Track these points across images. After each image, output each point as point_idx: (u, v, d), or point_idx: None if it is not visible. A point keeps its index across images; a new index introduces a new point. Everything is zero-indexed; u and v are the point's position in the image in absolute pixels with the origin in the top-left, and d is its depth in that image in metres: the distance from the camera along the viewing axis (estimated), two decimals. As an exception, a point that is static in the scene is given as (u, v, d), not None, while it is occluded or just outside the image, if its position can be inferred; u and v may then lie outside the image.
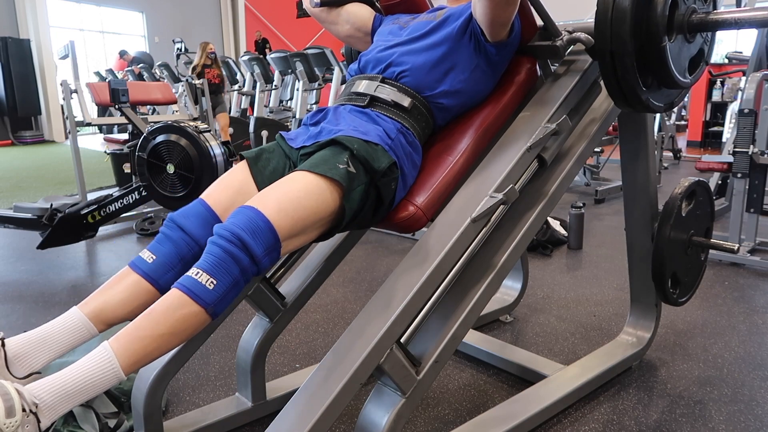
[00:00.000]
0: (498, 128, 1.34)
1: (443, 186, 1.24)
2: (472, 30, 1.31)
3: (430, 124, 1.33)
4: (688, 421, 1.48)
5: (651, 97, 1.26)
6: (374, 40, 1.47)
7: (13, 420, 0.86)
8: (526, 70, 1.39)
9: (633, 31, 1.15)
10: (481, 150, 1.31)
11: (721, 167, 3.15)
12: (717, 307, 2.25)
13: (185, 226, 1.12)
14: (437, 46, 1.31)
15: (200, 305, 0.96)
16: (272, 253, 1.04)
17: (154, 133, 2.62)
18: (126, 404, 1.43)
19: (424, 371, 1.08)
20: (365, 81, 1.33)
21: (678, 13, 1.18)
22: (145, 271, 1.09)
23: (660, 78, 1.24)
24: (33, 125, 9.97)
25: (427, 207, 1.22)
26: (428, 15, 1.42)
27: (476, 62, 1.32)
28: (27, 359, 1.02)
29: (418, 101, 1.29)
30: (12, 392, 0.88)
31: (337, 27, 1.59)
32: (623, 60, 1.17)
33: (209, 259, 0.98)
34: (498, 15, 1.22)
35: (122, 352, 0.93)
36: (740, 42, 12.56)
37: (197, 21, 12.74)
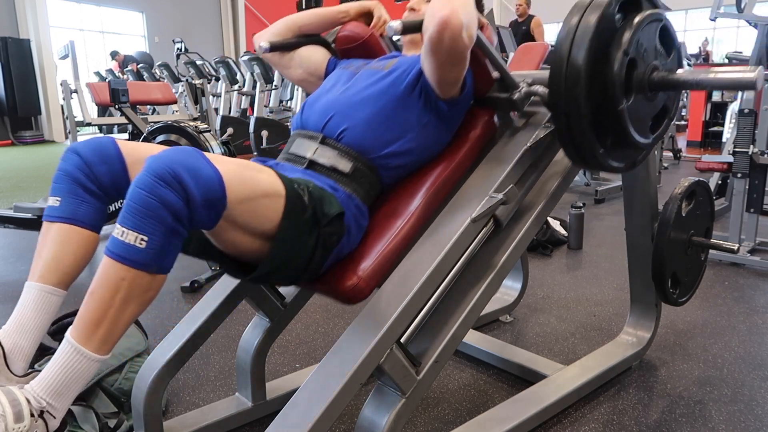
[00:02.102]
0: (452, 187, 1.26)
1: (388, 254, 1.14)
2: (422, 86, 1.22)
3: (377, 185, 1.23)
4: (688, 421, 1.48)
5: (611, 159, 1.17)
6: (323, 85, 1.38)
7: (22, 425, 0.86)
8: (483, 123, 1.31)
9: (588, 93, 1.06)
10: (432, 211, 1.22)
11: (721, 167, 3.15)
12: (717, 307, 2.25)
13: (81, 151, 1.08)
14: (383, 102, 1.22)
15: (137, 269, 0.88)
16: (212, 210, 0.90)
17: (154, 133, 2.62)
18: (126, 404, 1.43)
19: (424, 371, 1.08)
20: (305, 141, 1.24)
21: (637, 73, 1.10)
22: (57, 216, 1.07)
23: (619, 140, 1.14)
24: (33, 125, 9.96)
25: (370, 277, 1.12)
26: (379, 63, 1.33)
27: (427, 119, 1.23)
28: (19, 349, 1.03)
29: (362, 163, 1.19)
30: (20, 397, 0.88)
31: (289, 71, 1.51)
32: (578, 122, 1.08)
33: (132, 209, 0.86)
34: (446, 74, 1.16)
35: (85, 339, 0.90)
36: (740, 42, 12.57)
37: (197, 21, 12.74)
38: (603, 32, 1.06)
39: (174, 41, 9.31)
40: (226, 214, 0.93)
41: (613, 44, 1.07)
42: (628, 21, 1.09)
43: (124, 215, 0.87)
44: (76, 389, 0.92)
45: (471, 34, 1.07)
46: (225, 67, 7.42)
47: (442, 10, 1.03)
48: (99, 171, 1.08)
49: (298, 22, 1.46)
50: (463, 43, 1.07)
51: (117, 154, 1.10)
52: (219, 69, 7.49)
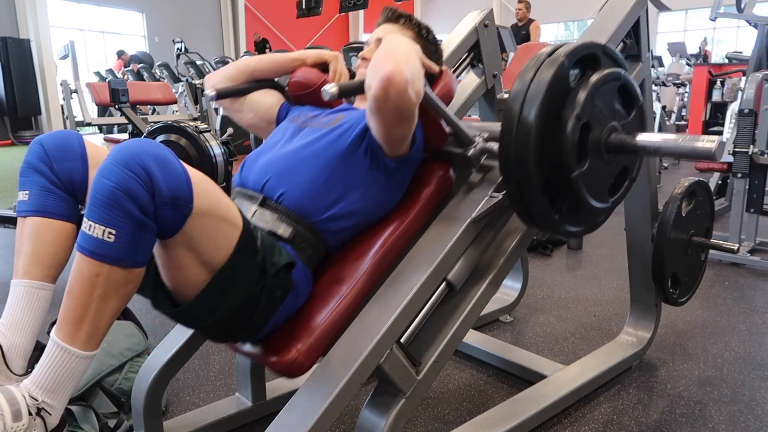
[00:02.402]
0: (401, 249, 1.18)
1: (331, 324, 1.07)
2: (368, 143, 1.15)
3: (320, 249, 1.16)
4: (688, 421, 1.48)
5: (567, 225, 1.09)
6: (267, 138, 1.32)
7: (21, 424, 0.86)
8: (437, 179, 1.24)
9: (539, 160, 0.98)
10: (380, 276, 1.14)
11: (721, 167, 3.16)
12: (717, 307, 2.24)
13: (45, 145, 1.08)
14: (326, 161, 1.14)
15: (109, 264, 0.85)
16: (178, 211, 0.86)
17: (154, 132, 2.62)
18: (126, 404, 1.43)
19: (424, 371, 1.08)
20: (245, 201, 1.17)
21: (592, 137, 1.02)
22: (27, 209, 1.07)
23: (574, 206, 1.06)
24: (33, 125, 9.96)
25: (310, 351, 1.04)
26: (326, 117, 1.27)
27: (373, 178, 1.16)
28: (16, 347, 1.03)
29: (304, 227, 1.12)
30: (18, 396, 0.88)
31: (240, 115, 1.44)
32: (529, 189, 1.01)
33: (98, 201, 0.83)
34: (393, 132, 1.09)
35: (70, 337, 0.89)
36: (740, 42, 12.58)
37: (197, 21, 12.75)
38: (556, 93, 0.98)
39: (174, 41, 9.31)
40: (187, 224, 0.89)
41: (567, 106, 0.99)
42: (584, 80, 1.01)
43: (90, 208, 0.84)
44: (70, 386, 0.92)
45: (417, 89, 1.00)
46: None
47: (384, 67, 0.96)
48: (59, 167, 1.07)
49: (251, 67, 1.39)
50: (410, 100, 0.99)
51: (80, 152, 1.09)
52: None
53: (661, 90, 6.53)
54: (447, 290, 1.15)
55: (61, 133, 1.11)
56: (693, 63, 8.35)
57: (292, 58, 1.40)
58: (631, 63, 1.54)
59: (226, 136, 2.88)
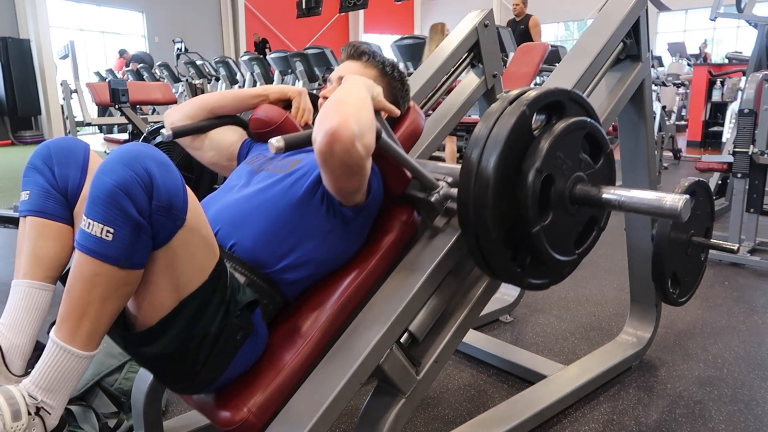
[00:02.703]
0: (362, 298, 1.13)
1: (284, 381, 1.02)
2: (323, 192, 1.10)
3: (277, 300, 1.11)
4: (688, 421, 1.48)
5: (530, 278, 1.04)
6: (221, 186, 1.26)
7: (20, 423, 0.86)
8: (400, 224, 1.19)
9: (498, 214, 0.94)
10: (338, 328, 1.09)
11: (721, 167, 3.15)
12: (717, 307, 2.24)
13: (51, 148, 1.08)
14: (279, 209, 1.10)
15: (108, 263, 0.84)
16: (171, 220, 0.85)
17: (154, 133, 2.62)
18: (126, 404, 1.43)
19: (424, 371, 1.09)
20: None
21: (555, 189, 0.97)
22: (28, 210, 1.07)
23: (537, 260, 1.01)
24: (33, 125, 9.96)
25: (261, 411, 0.99)
26: (284, 159, 1.21)
27: (330, 226, 1.11)
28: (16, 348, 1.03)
29: (258, 276, 1.07)
30: (17, 395, 0.88)
31: (201, 153, 1.38)
32: (488, 244, 0.96)
33: (97, 199, 0.82)
34: (343, 185, 1.05)
35: (69, 336, 0.89)
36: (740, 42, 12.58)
37: (197, 21, 12.74)
38: (517, 142, 0.94)
39: (174, 41, 9.32)
40: (176, 237, 0.87)
41: (528, 157, 0.94)
42: (548, 129, 0.97)
43: (89, 205, 0.84)
44: (69, 386, 0.92)
45: (366, 143, 0.94)
46: (225, 67, 7.42)
47: (329, 121, 0.91)
48: (59, 172, 1.08)
49: (210, 104, 1.35)
50: (357, 155, 0.94)
51: (83, 163, 1.10)
52: (219, 69, 7.50)
53: (661, 90, 6.53)
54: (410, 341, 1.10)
55: (70, 139, 1.11)
56: (693, 63, 8.36)
57: (254, 95, 1.35)
58: (631, 63, 1.54)
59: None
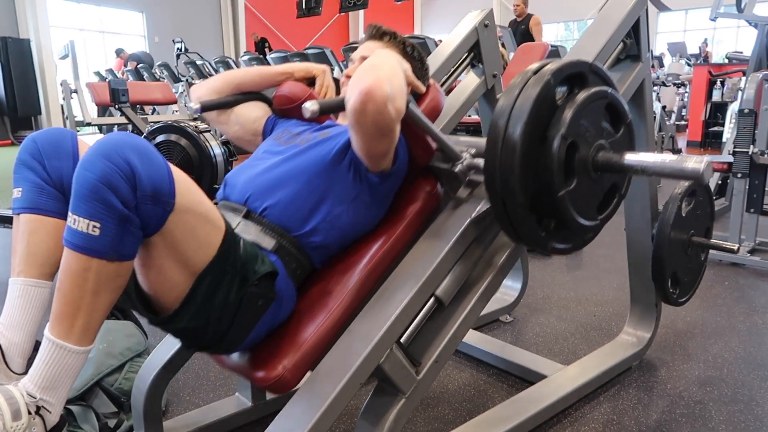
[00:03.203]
0: (388, 265, 1.17)
1: (317, 341, 1.06)
2: (351, 157, 1.15)
3: (305, 265, 1.14)
4: (688, 421, 1.48)
5: (554, 242, 1.08)
6: (251, 156, 1.30)
7: (20, 423, 0.86)
8: (425, 194, 1.23)
9: (524, 179, 0.96)
10: (367, 291, 1.13)
11: (721, 167, 3.15)
12: (717, 307, 2.25)
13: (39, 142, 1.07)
14: (308, 175, 1.14)
15: (96, 257, 0.84)
16: (159, 206, 0.85)
17: (154, 132, 2.62)
18: (126, 404, 1.43)
19: (424, 371, 1.09)
20: (229, 213, 1.15)
21: (579, 155, 1.00)
22: (21, 207, 1.06)
23: (562, 224, 1.05)
24: (33, 125, 9.96)
25: (296, 368, 1.03)
26: (312, 133, 1.26)
27: (356, 193, 1.15)
28: (15, 346, 1.03)
29: (287, 240, 1.11)
30: (17, 395, 0.88)
31: (226, 127, 1.43)
32: (515, 209, 0.99)
33: (81, 194, 0.83)
34: (373, 147, 1.08)
35: (64, 332, 0.89)
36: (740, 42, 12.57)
37: (197, 21, 12.74)
38: (542, 111, 0.96)
39: (174, 41, 9.32)
40: (168, 221, 0.88)
41: (552, 125, 0.97)
42: (571, 98, 0.99)
43: (74, 201, 0.84)
44: (68, 383, 0.92)
45: (398, 106, 0.98)
46: (225, 67, 7.42)
47: (364, 81, 0.95)
48: (51, 165, 1.07)
49: (236, 80, 1.39)
50: (389, 116, 0.98)
51: (73, 151, 1.08)
52: (219, 69, 7.50)
53: (661, 90, 6.53)
54: (436, 305, 1.14)
55: (55, 130, 1.10)
56: (693, 63, 8.36)
57: (279, 72, 1.38)
58: (631, 63, 1.54)
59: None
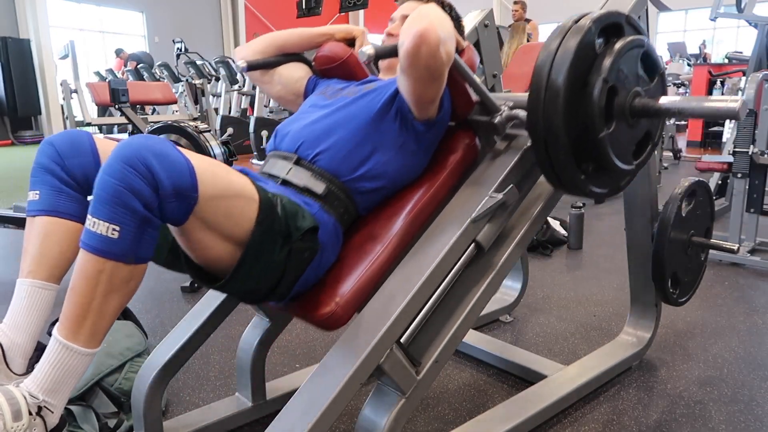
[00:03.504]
0: (431, 212, 1.23)
1: (367, 280, 1.11)
2: (398, 107, 1.20)
3: (351, 210, 1.20)
4: (688, 421, 1.48)
5: (592, 185, 1.14)
6: (299, 110, 1.37)
7: (21, 423, 0.86)
8: (464, 146, 1.28)
9: (567, 121, 1.03)
10: (411, 237, 1.19)
11: (721, 167, 3.16)
12: (717, 307, 2.25)
13: (56, 144, 1.08)
14: (357, 124, 1.20)
15: (114, 260, 0.86)
16: (183, 202, 0.88)
17: (153, 133, 2.62)
18: (126, 404, 1.43)
19: (424, 371, 1.08)
20: (280, 161, 1.22)
21: (618, 100, 1.07)
22: (37, 209, 1.07)
23: (600, 167, 1.12)
24: (33, 125, 9.96)
25: (348, 304, 1.09)
26: (357, 87, 1.32)
27: (402, 141, 1.21)
28: (17, 347, 1.03)
29: (336, 186, 1.17)
30: (18, 395, 0.88)
31: (269, 87, 1.49)
32: (557, 151, 1.05)
33: (102, 198, 0.84)
34: (423, 92, 1.13)
35: (72, 335, 0.90)
36: (740, 42, 12.57)
37: (197, 21, 12.74)
38: (582, 58, 1.03)
39: (174, 41, 9.31)
40: (197, 210, 0.90)
41: (593, 71, 1.04)
42: (609, 47, 1.06)
43: (94, 205, 0.85)
44: (70, 385, 0.92)
45: (448, 50, 1.03)
46: (225, 67, 7.42)
47: (418, 25, 1.00)
48: (72, 163, 1.07)
49: (279, 41, 1.44)
50: (441, 59, 1.03)
51: (91, 148, 1.09)
52: (219, 69, 7.49)
53: (661, 90, 6.52)
54: (476, 252, 1.18)
55: (70, 131, 1.11)
56: (693, 63, 8.36)
57: (320, 33, 1.45)
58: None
59: (226, 136, 2.87)
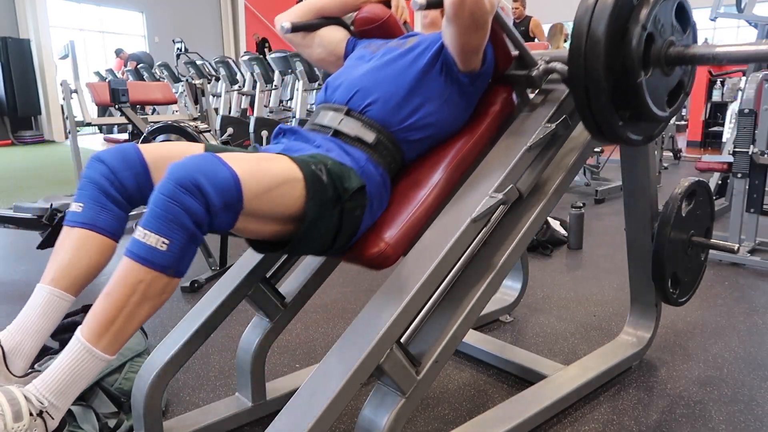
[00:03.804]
0: (472, 161, 1.30)
1: (414, 222, 1.19)
2: (443, 60, 1.26)
3: (398, 159, 1.27)
4: (688, 421, 1.48)
5: (629, 132, 1.21)
6: (344, 64, 1.43)
7: (21, 424, 0.86)
8: (501, 100, 1.35)
9: (607, 67, 1.09)
10: (453, 184, 1.26)
11: (721, 167, 3.15)
12: (717, 307, 2.24)
13: (106, 159, 1.09)
14: (406, 77, 1.26)
15: (157, 270, 0.90)
16: (230, 212, 0.94)
17: (154, 133, 2.61)
18: (126, 404, 1.43)
19: (424, 371, 1.08)
20: (330, 112, 1.28)
21: (655, 47, 1.14)
22: (79, 222, 1.07)
23: (637, 113, 1.18)
24: (33, 125, 9.95)
25: (397, 244, 1.16)
26: (399, 41, 1.38)
27: (448, 93, 1.27)
28: (21, 350, 1.02)
29: (384, 136, 1.24)
30: (19, 396, 0.88)
31: (310, 50, 1.56)
32: (598, 96, 1.12)
33: (156, 214, 0.89)
34: (468, 41, 1.19)
35: (95, 337, 0.91)
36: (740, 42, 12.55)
37: (197, 21, 12.73)
38: (621, 8, 1.09)
39: (174, 41, 9.31)
40: (244, 212, 0.96)
41: (631, 19, 1.10)
42: None
43: (147, 219, 0.90)
44: (79, 388, 0.93)
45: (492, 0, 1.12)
46: (225, 67, 7.42)
47: None
48: (123, 176, 1.09)
49: (319, 5, 1.51)
50: (485, 8, 1.12)
51: (140, 160, 1.11)
52: (219, 69, 7.49)
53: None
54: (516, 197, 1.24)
55: (118, 147, 1.12)
56: (693, 63, 8.34)
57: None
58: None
59: (226, 136, 2.88)
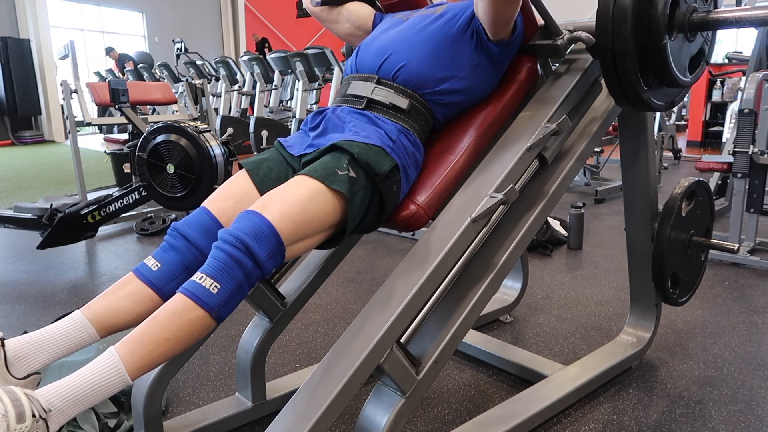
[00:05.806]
0: (499, 127, 1.34)
1: (444, 185, 1.24)
2: (474, 28, 1.29)
3: (430, 122, 1.32)
4: (688, 421, 1.48)
5: (652, 96, 1.27)
6: (374, 33, 1.46)
7: (24, 425, 0.86)
8: (527, 69, 1.38)
9: (634, 30, 1.15)
10: (482, 149, 1.30)
11: (721, 167, 3.15)
12: (717, 307, 2.25)
13: (189, 236, 1.12)
14: (437, 42, 1.29)
15: (204, 309, 0.97)
16: (276, 257, 1.04)
17: (154, 133, 2.62)
18: (126, 404, 1.43)
19: (424, 371, 1.08)
20: (361, 82, 1.31)
21: (679, 12, 1.19)
22: (149, 279, 1.09)
23: (661, 77, 1.24)
24: (33, 125, 9.96)
25: (428, 206, 1.22)
26: (428, 9, 1.40)
27: (478, 60, 1.30)
28: (26, 360, 1.02)
29: (417, 101, 1.28)
30: (22, 397, 0.88)
31: (337, 26, 1.59)
32: (624, 59, 1.17)
33: (213, 264, 0.99)
34: (501, 13, 1.21)
35: (128, 358, 0.93)
36: (740, 42, 12.56)
37: (197, 21, 12.74)
38: None
39: (174, 41, 9.31)
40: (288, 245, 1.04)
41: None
42: None
43: (207, 266, 0.99)
44: (93, 401, 0.92)
45: None
46: (225, 67, 7.42)
47: None
48: (203, 244, 1.13)
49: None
50: None
51: (216, 225, 1.15)
52: (219, 69, 7.50)
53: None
54: (539, 165, 1.28)
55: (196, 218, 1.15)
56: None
57: None
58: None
59: (226, 136, 2.87)
